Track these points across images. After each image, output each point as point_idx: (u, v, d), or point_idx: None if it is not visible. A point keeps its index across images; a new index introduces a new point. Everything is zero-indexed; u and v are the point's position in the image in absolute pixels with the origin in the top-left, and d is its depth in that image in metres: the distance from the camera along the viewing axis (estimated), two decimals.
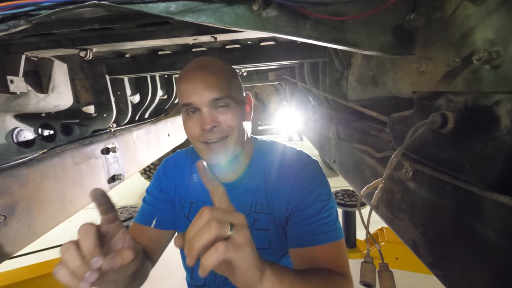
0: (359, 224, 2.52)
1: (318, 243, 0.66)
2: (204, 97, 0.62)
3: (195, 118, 0.65)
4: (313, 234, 0.67)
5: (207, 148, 0.66)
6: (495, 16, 0.39)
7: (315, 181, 0.70)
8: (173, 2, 0.50)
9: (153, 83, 2.05)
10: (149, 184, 0.86)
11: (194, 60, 0.69)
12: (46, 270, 2.29)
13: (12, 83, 0.97)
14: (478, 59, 0.40)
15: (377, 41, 0.58)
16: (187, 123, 0.66)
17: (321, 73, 1.51)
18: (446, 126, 0.45)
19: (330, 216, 0.69)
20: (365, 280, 0.54)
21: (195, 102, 0.63)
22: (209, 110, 0.63)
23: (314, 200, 0.68)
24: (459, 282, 0.47)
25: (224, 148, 0.66)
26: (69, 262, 0.41)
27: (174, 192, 0.81)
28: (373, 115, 0.80)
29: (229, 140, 0.66)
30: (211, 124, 0.62)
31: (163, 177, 0.82)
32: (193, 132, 0.65)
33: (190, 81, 0.63)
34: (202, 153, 0.68)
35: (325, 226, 0.67)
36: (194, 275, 0.81)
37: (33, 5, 0.48)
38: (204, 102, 0.62)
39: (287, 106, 3.51)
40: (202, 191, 0.77)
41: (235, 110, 0.66)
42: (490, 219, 0.40)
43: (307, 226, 0.67)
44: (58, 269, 0.41)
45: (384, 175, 0.54)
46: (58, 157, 1.04)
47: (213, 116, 0.63)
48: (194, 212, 0.78)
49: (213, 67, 0.65)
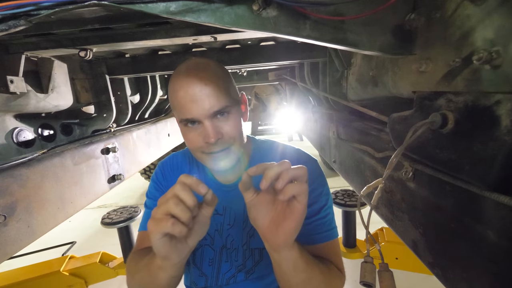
0: (359, 224, 2.52)
1: (315, 242, 0.68)
2: (205, 110, 0.59)
3: (196, 130, 0.63)
4: (311, 234, 0.68)
5: (210, 158, 0.64)
6: (495, 16, 0.39)
7: (315, 181, 0.71)
8: (173, 2, 0.50)
9: (153, 83, 2.05)
10: (147, 189, 0.84)
11: (185, 65, 0.63)
12: (46, 270, 2.29)
13: (12, 83, 0.97)
14: (478, 59, 0.40)
15: (377, 41, 0.58)
16: (188, 136, 0.64)
17: (321, 73, 1.51)
18: (446, 126, 0.45)
19: (327, 215, 0.70)
20: (365, 280, 0.54)
21: (195, 116, 0.60)
22: (211, 122, 0.61)
23: (314, 200, 0.69)
24: (459, 282, 0.47)
25: (227, 156, 0.65)
26: (179, 212, 0.46)
27: None
28: (373, 115, 0.80)
29: (232, 149, 0.65)
30: (215, 137, 0.60)
31: (163, 180, 0.81)
32: (195, 145, 0.64)
33: (187, 93, 0.59)
34: (205, 162, 0.67)
35: (323, 226, 0.69)
36: (193, 279, 0.81)
37: (33, 5, 0.48)
38: (206, 115, 0.60)
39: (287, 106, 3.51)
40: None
41: (235, 116, 0.65)
42: (490, 219, 0.40)
43: (306, 226, 0.67)
44: (172, 223, 0.46)
45: (384, 175, 0.54)
46: (58, 157, 1.04)
47: (216, 127, 0.61)
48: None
49: (209, 73, 0.61)
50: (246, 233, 0.74)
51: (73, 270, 2.34)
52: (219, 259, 0.76)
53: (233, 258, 0.75)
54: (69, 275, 2.31)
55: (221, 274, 0.76)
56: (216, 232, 0.76)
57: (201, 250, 0.77)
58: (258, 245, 0.73)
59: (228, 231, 0.75)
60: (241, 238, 0.74)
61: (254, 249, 0.74)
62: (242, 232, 0.74)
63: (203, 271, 0.77)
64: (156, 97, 2.08)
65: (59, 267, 2.31)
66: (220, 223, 0.76)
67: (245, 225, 0.74)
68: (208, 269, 0.76)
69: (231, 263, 0.75)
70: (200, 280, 0.78)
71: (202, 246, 0.76)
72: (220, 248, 0.76)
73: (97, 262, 2.39)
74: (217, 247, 0.76)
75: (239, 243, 0.74)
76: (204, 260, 0.77)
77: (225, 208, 0.76)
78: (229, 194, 0.75)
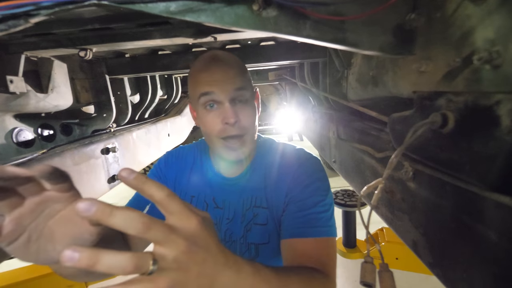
0: (359, 224, 2.52)
1: (309, 236, 0.64)
2: (226, 88, 0.62)
3: (215, 112, 0.65)
4: (305, 226, 0.65)
5: (225, 145, 0.66)
6: (496, 16, 0.39)
7: (314, 175, 0.71)
8: (173, 2, 0.50)
9: (153, 83, 2.05)
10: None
11: (206, 53, 0.68)
12: (46, 270, 2.29)
13: (12, 83, 0.97)
14: (478, 59, 0.40)
15: (377, 41, 0.58)
16: (207, 118, 0.66)
17: (321, 73, 1.51)
18: (447, 126, 0.45)
19: (325, 212, 0.67)
20: (365, 280, 0.54)
21: (216, 91, 0.62)
22: (231, 104, 0.63)
23: (311, 194, 0.68)
24: (459, 282, 0.47)
25: (241, 145, 0.67)
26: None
27: (174, 183, 0.80)
28: (373, 115, 0.80)
29: (245, 139, 0.67)
30: (234, 117, 0.62)
31: (164, 167, 0.81)
32: (214, 127, 0.65)
33: (209, 71, 0.63)
34: (219, 149, 0.68)
35: (319, 221, 0.66)
36: None
37: (33, 5, 0.47)
38: (226, 93, 0.63)
39: (287, 106, 3.51)
40: (204, 186, 0.78)
41: (251, 106, 0.68)
42: (490, 219, 0.40)
43: (301, 218, 0.66)
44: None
45: (384, 175, 0.54)
46: (58, 157, 1.04)
47: (235, 110, 0.64)
48: (195, 205, 0.77)
49: (230, 60, 0.66)
50: (243, 227, 0.74)
51: None
52: None
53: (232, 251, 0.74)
54: None
55: None
56: (215, 226, 0.75)
57: None
58: (254, 240, 0.73)
59: (227, 225, 0.75)
60: (238, 231, 0.74)
61: (250, 244, 0.74)
62: (240, 226, 0.74)
63: None
64: (156, 97, 2.08)
65: None
66: (220, 216, 0.75)
67: (243, 218, 0.74)
68: None
69: None
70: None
71: None
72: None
73: None
74: None
75: (237, 236, 0.74)
76: None
77: (224, 202, 0.76)
78: (230, 187, 0.75)
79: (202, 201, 0.77)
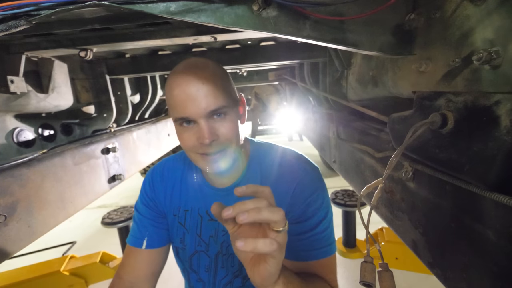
0: (359, 224, 2.52)
1: (313, 259, 0.66)
2: (201, 109, 0.57)
3: (191, 130, 0.60)
4: (309, 249, 0.66)
5: (205, 159, 0.62)
6: (495, 16, 0.39)
7: (315, 193, 0.68)
8: (173, 2, 0.50)
9: (153, 83, 2.05)
10: (137, 199, 0.81)
11: (183, 63, 0.62)
12: (47, 270, 2.30)
13: (13, 83, 0.97)
14: (478, 59, 0.40)
15: (377, 41, 0.58)
16: (182, 135, 0.62)
17: (321, 73, 1.51)
18: (446, 126, 0.45)
19: (326, 230, 0.68)
20: (365, 280, 0.54)
21: (191, 115, 0.58)
22: (206, 122, 0.58)
23: (313, 213, 0.67)
24: (459, 282, 0.47)
25: (222, 158, 0.62)
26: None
27: (164, 203, 0.77)
28: (373, 115, 0.80)
29: (227, 151, 0.63)
30: (210, 138, 0.58)
31: (150, 191, 0.78)
32: (189, 144, 0.61)
33: (183, 91, 0.57)
34: (199, 164, 0.64)
35: (320, 242, 0.67)
36: (191, 284, 0.80)
37: (33, 5, 0.48)
38: (201, 114, 0.57)
39: (287, 106, 3.51)
40: (196, 199, 0.75)
41: (232, 118, 0.62)
42: (490, 219, 0.40)
43: (304, 240, 0.66)
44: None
45: (384, 175, 0.54)
46: (58, 157, 1.04)
47: (211, 128, 0.59)
48: (190, 219, 0.75)
49: (207, 72, 0.59)
50: None
51: (74, 270, 2.35)
52: (215, 265, 0.75)
53: (229, 264, 0.74)
54: (70, 275, 2.32)
55: (217, 280, 0.75)
56: (211, 238, 0.74)
57: (197, 256, 0.76)
58: None
59: (223, 237, 0.73)
60: None
61: None
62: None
63: (200, 277, 0.77)
64: (156, 97, 2.08)
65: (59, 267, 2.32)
66: (215, 228, 0.74)
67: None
68: (204, 275, 0.76)
69: (227, 269, 0.74)
70: (198, 285, 0.78)
71: (198, 252, 0.75)
72: (216, 255, 0.74)
73: (97, 262, 2.39)
74: (212, 253, 0.74)
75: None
76: (201, 266, 0.76)
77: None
78: (224, 199, 0.72)
79: (196, 215, 0.75)
